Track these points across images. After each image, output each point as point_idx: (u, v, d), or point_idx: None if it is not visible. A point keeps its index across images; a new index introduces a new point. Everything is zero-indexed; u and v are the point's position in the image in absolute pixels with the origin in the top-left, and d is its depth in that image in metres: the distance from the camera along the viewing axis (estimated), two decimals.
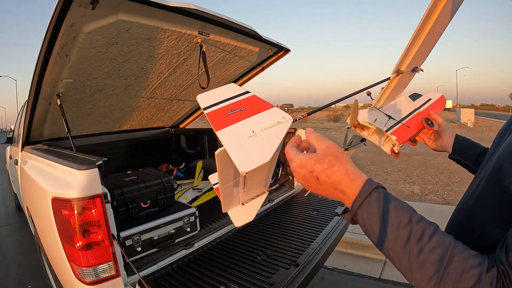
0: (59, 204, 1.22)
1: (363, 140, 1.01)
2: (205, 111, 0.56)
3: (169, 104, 2.86)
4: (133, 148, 3.08)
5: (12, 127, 5.46)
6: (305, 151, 0.54)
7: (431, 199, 4.58)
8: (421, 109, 0.97)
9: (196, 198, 2.56)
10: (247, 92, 0.60)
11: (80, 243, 1.18)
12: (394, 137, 0.88)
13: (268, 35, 2.49)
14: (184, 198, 2.53)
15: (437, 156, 7.75)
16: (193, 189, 2.75)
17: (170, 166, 3.21)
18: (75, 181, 1.19)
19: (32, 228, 2.09)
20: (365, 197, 0.46)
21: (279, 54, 2.52)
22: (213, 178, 0.75)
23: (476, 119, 22.56)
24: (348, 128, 0.95)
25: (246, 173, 0.46)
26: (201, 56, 1.94)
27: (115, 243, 1.26)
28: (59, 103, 1.78)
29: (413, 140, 0.99)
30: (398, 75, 0.83)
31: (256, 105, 0.57)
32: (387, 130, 0.89)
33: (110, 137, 2.84)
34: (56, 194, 1.24)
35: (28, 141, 2.11)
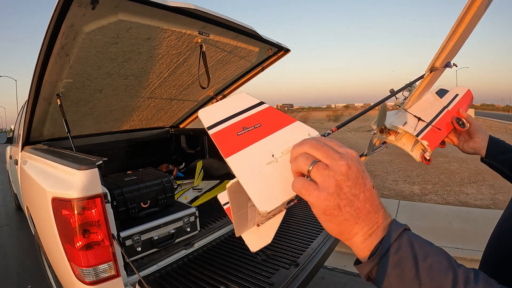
0: (59, 204, 1.22)
1: (384, 142, 0.92)
2: (210, 131, 0.44)
3: (169, 104, 2.86)
4: (133, 148, 3.08)
5: (12, 127, 5.46)
6: None
7: (431, 199, 4.58)
8: (449, 107, 0.88)
9: (196, 198, 2.56)
10: (262, 103, 0.48)
11: (80, 243, 1.18)
12: (425, 142, 0.79)
13: (268, 34, 2.49)
14: (184, 198, 2.53)
15: (437, 156, 7.74)
16: (193, 189, 2.75)
17: (170, 166, 3.21)
18: (75, 181, 1.20)
19: (32, 228, 2.09)
20: (396, 237, 0.36)
21: (279, 54, 2.52)
22: (223, 197, 0.63)
23: (476, 119, 22.49)
24: (374, 133, 0.85)
25: (268, 212, 0.37)
26: (201, 56, 1.94)
27: (115, 243, 1.26)
28: (59, 103, 1.78)
29: (441, 142, 0.88)
30: (431, 72, 0.76)
31: (274, 120, 0.46)
32: (417, 135, 0.79)
33: (110, 137, 2.84)
34: (56, 194, 1.24)
35: (28, 141, 2.11)
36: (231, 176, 0.42)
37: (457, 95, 0.92)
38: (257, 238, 0.52)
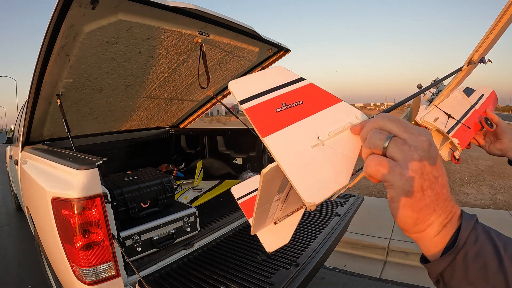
0: (59, 204, 1.22)
1: None
2: (243, 106, 0.38)
3: (169, 104, 2.86)
4: (133, 148, 3.08)
5: (12, 127, 5.46)
6: None
7: None
8: (476, 106, 0.85)
9: (196, 198, 2.56)
10: (302, 78, 0.42)
11: (80, 243, 1.18)
12: (456, 140, 0.75)
13: (268, 34, 2.49)
14: (184, 198, 2.53)
15: None
16: (193, 189, 2.75)
17: (170, 166, 3.21)
18: (75, 181, 1.19)
19: (32, 228, 2.09)
20: (472, 228, 0.33)
21: (279, 54, 2.52)
22: (238, 191, 0.55)
23: None
24: None
25: (317, 205, 0.32)
26: (201, 56, 1.94)
27: (115, 243, 1.26)
28: (59, 103, 1.78)
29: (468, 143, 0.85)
30: (468, 65, 0.72)
31: (317, 98, 0.40)
32: (448, 132, 0.77)
33: (110, 137, 2.84)
34: (56, 194, 1.24)
35: (28, 141, 2.11)
36: (231, 176, 0.40)
37: (482, 95, 0.89)
38: (274, 237, 0.47)
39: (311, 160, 0.35)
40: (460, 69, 0.74)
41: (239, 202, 0.48)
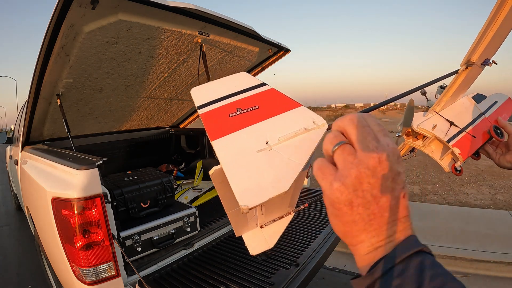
0: (59, 204, 1.22)
1: (413, 150, 0.83)
2: (200, 111, 0.40)
3: (169, 104, 2.86)
4: (133, 148, 3.08)
5: (12, 127, 5.45)
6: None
7: (431, 199, 4.58)
8: (487, 114, 0.78)
9: (196, 198, 2.56)
10: (263, 84, 0.42)
11: (80, 243, 1.18)
12: (457, 150, 0.70)
13: (268, 34, 2.50)
14: (184, 198, 2.53)
15: None
16: (193, 189, 2.75)
17: (170, 166, 3.21)
18: (75, 181, 1.20)
19: (32, 228, 2.09)
20: (401, 259, 0.30)
21: (279, 54, 2.52)
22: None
23: None
24: (399, 136, 0.76)
25: (250, 208, 0.32)
26: (201, 56, 1.94)
27: (115, 243, 1.26)
28: (59, 103, 1.78)
29: (475, 154, 0.77)
30: (467, 67, 0.67)
31: (275, 103, 0.40)
32: (448, 141, 0.71)
33: (110, 137, 2.84)
34: (56, 194, 1.24)
35: (28, 141, 2.11)
36: None
37: (496, 102, 0.83)
38: (258, 240, 0.47)
39: (253, 164, 0.35)
40: (456, 72, 0.69)
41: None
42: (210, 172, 0.36)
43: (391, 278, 0.29)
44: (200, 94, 0.42)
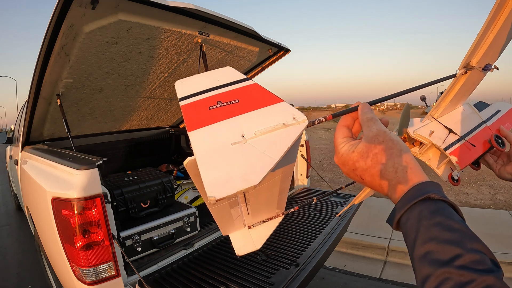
0: (59, 204, 1.22)
1: None
2: (181, 103, 0.41)
3: (169, 104, 2.86)
4: (133, 148, 3.08)
5: (12, 127, 5.45)
6: (359, 137, 0.43)
7: None
8: (488, 123, 0.76)
9: (196, 198, 2.56)
10: (246, 79, 0.43)
11: (80, 243, 1.18)
12: (454, 159, 0.68)
13: (268, 34, 2.49)
14: (184, 198, 2.53)
15: None
16: (193, 189, 2.75)
17: (170, 166, 3.21)
18: (75, 181, 1.19)
19: (32, 228, 2.09)
20: (404, 210, 0.34)
21: (279, 54, 2.52)
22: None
23: None
24: None
25: (217, 200, 0.31)
26: (201, 56, 1.94)
27: (115, 243, 1.26)
28: (59, 103, 1.78)
29: (475, 163, 0.75)
30: (466, 71, 0.64)
31: (255, 98, 0.40)
32: (446, 149, 0.69)
33: (110, 137, 2.84)
34: (56, 194, 1.24)
35: (28, 141, 2.11)
36: None
37: (499, 111, 0.80)
38: (245, 241, 0.47)
39: (226, 156, 0.35)
40: (454, 75, 0.66)
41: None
42: (185, 162, 0.36)
43: (402, 225, 0.34)
44: (184, 86, 0.43)
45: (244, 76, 0.43)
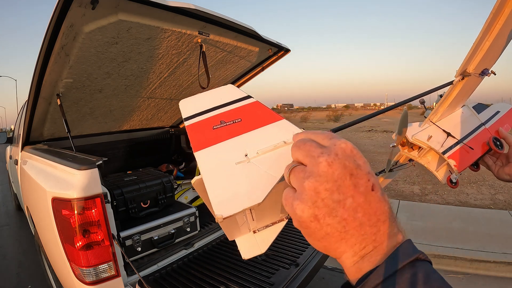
0: (59, 204, 1.22)
1: (411, 159, 0.80)
2: (186, 123, 0.41)
3: (169, 104, 2.86)
4: (133, 148, 3.08)
5: (12, 127, 5.46)
6: None
7: (431, 199, 4.58)
8: (487, 125, 0.75)
9: (196, 198, 2.56)
10: (248, 97, 0.44)
11: (80, 243, 1.18)
12: (452, 162, 0.68)
13: (268, 34, 2.50)
14: (184, 198, 2.53)
15: None
16: (193, 189, 2.75)
17: (170, 166, 3.21)
18: (75, 181, 1.19)
19: (32, 228, 2.09)
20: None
21: (279, 54, 2.52)
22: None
23: None
24: (394, 146, 0.73)
25: (224, 218, 0.33)
26: (201, 56, 1.94)
27: (115, 243, 1.26)
28: (59, 103, 1.78)
29: (475, 165, 0.75)
30: (463, 78, 0.65)
31: (257, 116, 0.41)
32: (444, 152, 0.69)
33: (110, 137, 2.84)
34: (56, 194, 1.24)
35: (28, 141, 2.11)
36: None
37: (498, 112, 0.80)
38: (251, 245, 0.48)
39: (232, 175, 0.36)
40: (451, 83, 0.67)
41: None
42: (192, 181, 0.37)
43: None
44: (187, 106, 0.44)
45: (245, 94, 0.44)
